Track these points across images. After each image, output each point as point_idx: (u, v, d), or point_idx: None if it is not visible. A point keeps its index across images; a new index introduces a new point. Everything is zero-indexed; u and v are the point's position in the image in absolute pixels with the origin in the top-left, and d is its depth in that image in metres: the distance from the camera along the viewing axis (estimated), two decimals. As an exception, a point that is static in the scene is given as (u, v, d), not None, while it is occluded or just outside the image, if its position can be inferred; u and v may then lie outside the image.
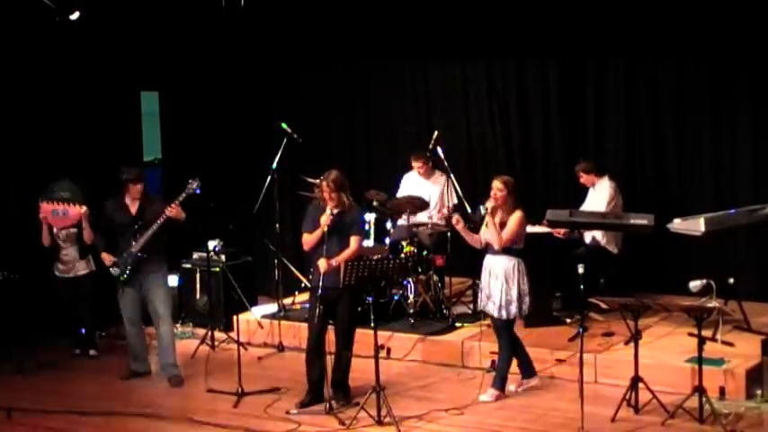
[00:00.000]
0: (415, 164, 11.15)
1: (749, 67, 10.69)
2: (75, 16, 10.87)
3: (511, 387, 9.02)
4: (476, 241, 8.96)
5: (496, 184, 8.81)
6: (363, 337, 9.00)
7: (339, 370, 8.91)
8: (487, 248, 8.87)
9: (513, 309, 8.75)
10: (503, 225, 8.73)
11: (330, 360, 8.86)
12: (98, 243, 9.90)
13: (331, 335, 8.89)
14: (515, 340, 9.01)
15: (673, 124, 11.24)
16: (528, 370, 9.08)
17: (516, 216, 8.73)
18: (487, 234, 8.80)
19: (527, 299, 8.82)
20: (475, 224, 9.30)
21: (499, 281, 8.75)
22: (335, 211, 8.62)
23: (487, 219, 8.76)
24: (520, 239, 8.79)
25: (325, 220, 8.57)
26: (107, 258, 9.69)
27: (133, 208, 9.69)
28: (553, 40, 11.43)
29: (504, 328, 8.89)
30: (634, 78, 11.38)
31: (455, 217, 9.07)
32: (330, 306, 8.69)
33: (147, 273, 9.70)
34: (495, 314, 8.78)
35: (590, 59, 11.54)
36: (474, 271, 10.42)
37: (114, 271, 9.65)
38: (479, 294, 9.06)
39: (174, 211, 9.53)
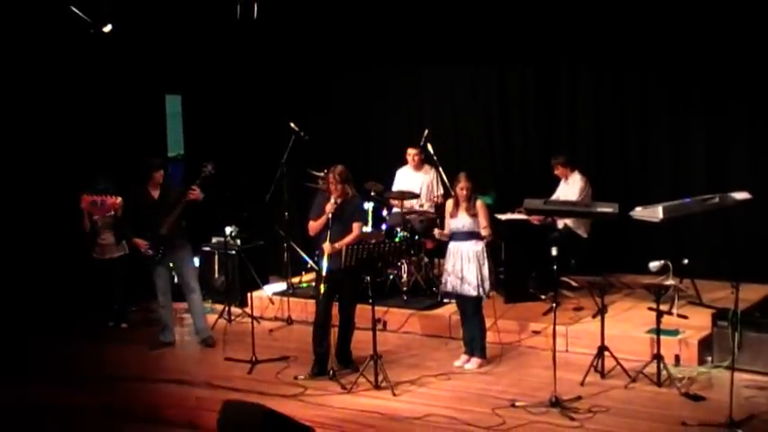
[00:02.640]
0: (411, 151, 11.14)
1: (703, 78, 10.73)
2: (107, 29, 10.91)
3: (457, 363, 9.03)
4: (445, 236, 9.00)
5: (465, 184, 8.79)
6: (362, 312, 9.00)
7: (343, 341, 8.98)
8: (453, 236, 8.88)
9: (488, 285, 8.79)
10: (474, 215, 8.77)
11: (334, 333, 8.92)
12: (127, 230, 9.94)
13: (335, 310, 8.94)
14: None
15: (636, 125, 11.26)
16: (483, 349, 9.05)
17: (482, 205, 8.80)
18: (455, 223, 8.81)
19: (492, 276, 8.87)
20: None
21: (472, 263, 8.74)
22: (339, 200, 8.70)
23: (451, 210, 8.84)
24: None
25: (329, 207, 8.63)
26: (141, 244, 9.72)
27: (156, 193, 9.74)
28: (531, 50, 11.45)
29: (478, 305, 8.91)
30: (602, 84, 11.39)
31: (437, 231, 9.12)
32: (334, 285, 8.74)
33: (177, 252, 9.80)
34: (474, 293, 8.78)
35: (563, 68, 11.56)
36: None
37: (149, 253, 9.73)
38: (446, 279, 8.95)
39: (194, 193, 9.62)
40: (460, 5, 11.44)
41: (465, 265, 8.79)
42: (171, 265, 9.90)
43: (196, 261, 11.09)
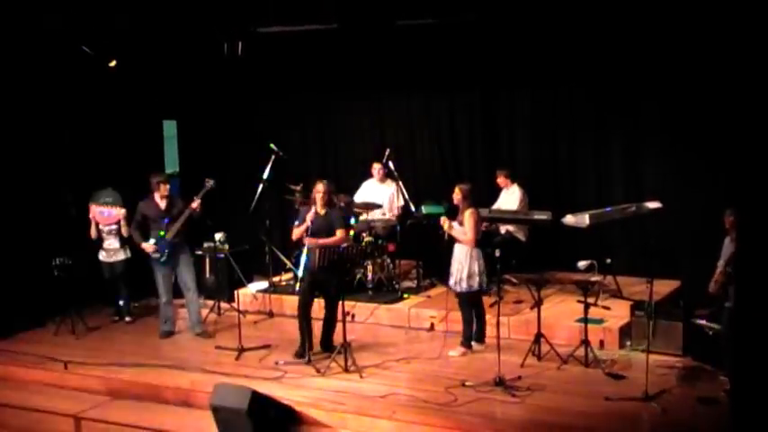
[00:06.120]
0: (376, 165, 11.15)
1: (622, 101, 10.79)
2: (113, 64, 10.91)
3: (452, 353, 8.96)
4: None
5: (455, 191, 8.75)
6: (333, 306, 9.05)
7: (327, 332, 8.94)
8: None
9: (465, 284, 8.65)
10: (461, 222, 8.68)
11: (317, 324, 8.89)
12: (135, 237, 9.84)
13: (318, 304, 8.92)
14: (477, 310, 8.88)
15: (566, 142, 11.26)
16: (479, 336, 8.94)
17: (468, 215, 8.65)
18: (454, 232, 8.68)
19: (477, 278, 8.65)
20: (418, 220, 9.31)
21: (457, 263, 8.69)
22: (323, 210, 8.72)
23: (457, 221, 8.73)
24: (479, 231, 8.76)
25: (310, 216, 8.66)
26: (149, 247, 9.68)
27: (162, 204, 9.71)
28: (475, 77, 11.43)
29: (463, 300, 8.81)
30: (536, 106, 11.37)
31: (446, 222, 8.70)
32: (313, 282, 8.74)
33: (179, 255, 9.77)
34: (456, 288, 8.72)
35: (503, 91, 11.54)
36: (416, 256, 10.59)
37: (155, 255, 9.68)
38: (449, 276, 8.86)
39: (196, 204, 9.59)
40: (415, 44, 11.44)
41: (455, 265, 8.73)
42: (173, 267, 9.81)
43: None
